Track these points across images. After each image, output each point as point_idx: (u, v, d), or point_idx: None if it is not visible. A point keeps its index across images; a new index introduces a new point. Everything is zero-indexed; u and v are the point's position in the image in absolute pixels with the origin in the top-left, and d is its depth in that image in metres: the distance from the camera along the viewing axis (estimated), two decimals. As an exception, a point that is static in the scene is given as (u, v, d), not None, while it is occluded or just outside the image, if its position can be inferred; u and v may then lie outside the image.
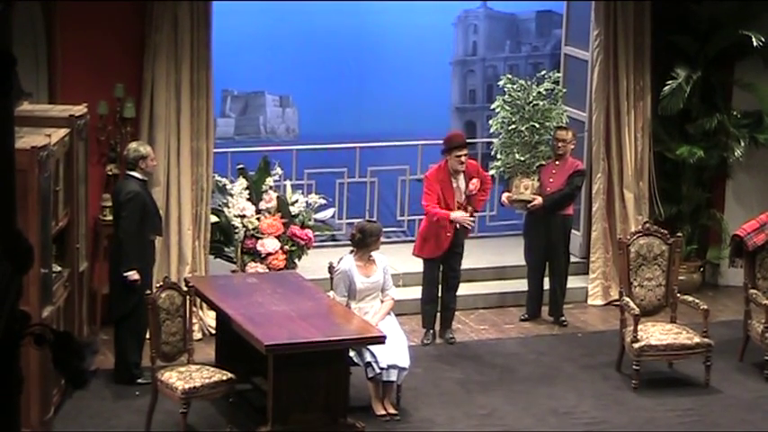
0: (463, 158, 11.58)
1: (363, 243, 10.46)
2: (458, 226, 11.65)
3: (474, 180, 11.70)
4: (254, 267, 11.97)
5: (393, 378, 10.11)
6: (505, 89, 12.50)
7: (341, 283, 10.40)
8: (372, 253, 10.53)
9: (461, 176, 11.69)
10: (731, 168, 13.55)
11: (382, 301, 10.48)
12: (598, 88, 13.02)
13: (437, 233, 11.66)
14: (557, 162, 12.29)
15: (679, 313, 11.35)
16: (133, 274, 10.44)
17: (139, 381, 10.54)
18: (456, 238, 11.72)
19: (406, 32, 15.05)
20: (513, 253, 13.12)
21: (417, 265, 12.19)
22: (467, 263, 13.06)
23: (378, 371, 10.03)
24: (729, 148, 13.23)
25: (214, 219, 12.08)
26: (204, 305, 11.33)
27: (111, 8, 11.65)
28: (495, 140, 12.68)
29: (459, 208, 11.65)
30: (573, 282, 12.75)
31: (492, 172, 12.94)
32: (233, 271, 12.12)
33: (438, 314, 11.90)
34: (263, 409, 9.76)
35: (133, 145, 10.81)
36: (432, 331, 11.86)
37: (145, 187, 10.73)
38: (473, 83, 15.70)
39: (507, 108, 12.43)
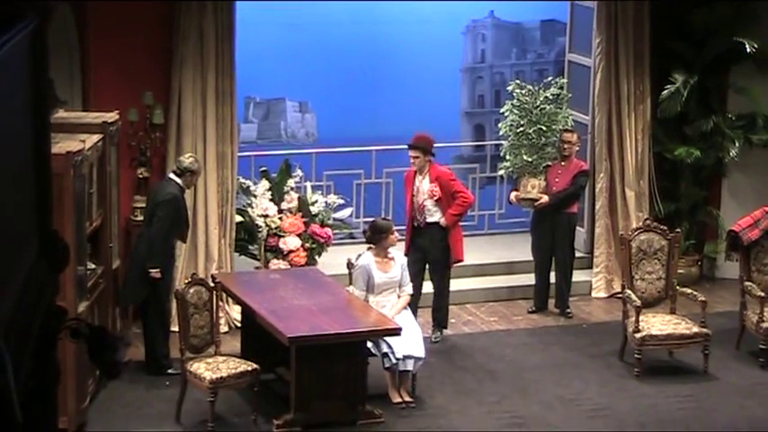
0: (412, 159, 11.42)
1: (375, 239, 10.46)
2: (415, 224, 11.41)
3: (432, 185, 11.38)
4: (276, 264, 11.97)
5: (409, 368, 10.09)
6: (514, 94, 12.49)
7: (360, 277, 10.40)
8: (391, 251, 10.51)
9: (426, 178, 11.43)
10: (727, 168, 13.51)
11: (399, 297, 10.47)
12: (600, 93, 13.00)
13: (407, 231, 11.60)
14: (562, 163, 12.27)
15: (678, 305, 11.31)
16: (157, 272, 10.45)
17: (169, 371, 10.54)
18: (421, 240, 11.42)
19: (417, 41, 15.06)
20: (520, 249, 13.09)
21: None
22: (478, 258, 13.08)
23: (394, 361, 10.01)
24: (725, 149, 13.20)
25: (239, 218, 12.08)
26: (230, 300, 11.33)
27: (141, 20, 11.66)
28: (504, 142, 12.66)
29: (418, 209, 11.40)
30: (578, 276, 12.71)
31: (501, 172, 12.95)
32: (257, 267, 12.12)
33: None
34: (286, 398, 9.77)
35: (190, 158, 10.75)
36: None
37: (182, 193, 10.73)
38: (482, 88, 15.70)
39: (516, 112, 12.41)
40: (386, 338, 9.95)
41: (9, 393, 2.82)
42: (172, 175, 10.70)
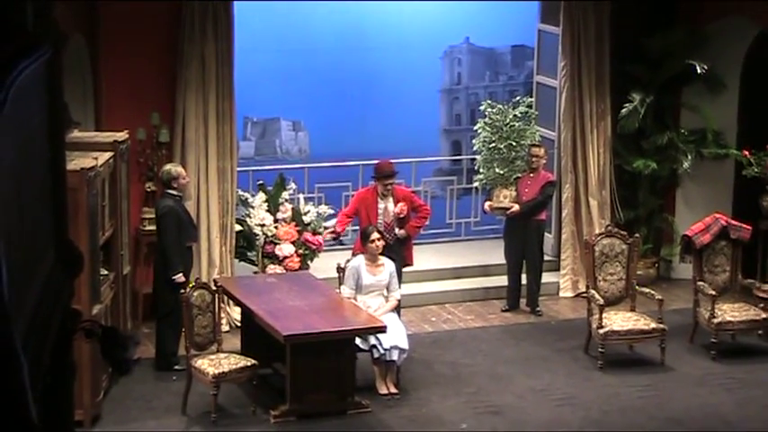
0: (389, 186, 11.30)
1: (363, 243, 10.49)
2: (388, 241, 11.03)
3: (401, 204, 11.36)
4: (272, 269, 11.97)
5: (395, 358, 10.09)
6: (486, 113, 12.52)
7: (350, 276, 10.42)
8: (381, 258, 10.51)
9: (390, 200, 11.34)
10: (680, 178, 13.56)
11: (388, 300, 10.47)
12: (565, 111, 13.03)
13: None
14: (531, 174, 12.29)
15: (637, 303, 11.34)
16: (180, 277, 10.43)
17: (176, 368, 10.53)
18: (387, 254, 10.90)
19: (400, 66, 15.07)
20: (494, 253, 13.11)
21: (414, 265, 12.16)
22: (456, 262, 13.10)
23: (382, 352, 10.02)
24: (678, 161, 13.25)
25: (238, 228, 12.08)
26: (231, 302, 11.31)
27: (148, 48, 11.67)
28: (477, 157, 12.69)
29: (385, 227, 11.18)
30: (546, 277, 12.73)
31: (476, 184, 12.99)
32: (255, 272, 12.12)
33: None
34: (282, 391, 9.77)
35: (167, 167, 10.82)
36: None
37: (179, 202, 10.72)
38: (458, 108, 15.71)
39: (488, 129, 12.43)
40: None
41: (25, 395, 2.82)
42: (165, 189, 10.71)
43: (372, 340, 9.98)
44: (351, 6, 14.39)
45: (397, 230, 11.38)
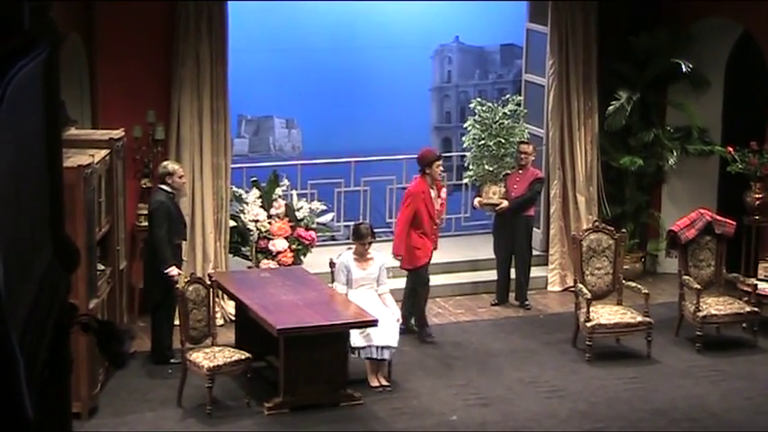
0: (441, 168, 11.40)
1: (354, 240, 10.49)
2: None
3: (444, 190, 11.47)
4: (266, 264, 11.98)
5: (386, 356, 10.10)
6: (476, 110, 12.53)
7: (340, 272, 10.44)
8: (371, 252, 10.52)
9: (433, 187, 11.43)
10: (666, 174, 13.58)
11: (380, 294, 10.45)
12: (553, 108, 13.05)
13: (424, 242, 11.33)
14: (520, 171, 12.30)
15: (624, 297, 11.36)
16: (172, 271, 10.42)
17: (171, 361, 10.52)
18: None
19: (391, 65, 15.08)
20: (484, 248, 13.13)
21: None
22: (446, 257, 13.08)
23: (374, 353, 10.01)
24: (664, 158, 13.27)
25: (232, 223, 12.08)
26: (225, 296, 11.33)
27: (144, 47, 11.66)
28: (467, 154, 12.69)
29: (438, 215, 11.40)
30: (535, 272, 12.75)
31: (466, 180, 13.00)
32: (249, 267, 12.12)
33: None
34: (275, 383, 9.77)
35: (165, 162, 10.84)
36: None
37: (171, 198, 10.70)
38: (448, 106, 15.72)
39: (477, 126, 12.44)
40: (369, 333, 9.94)
41: (21, 390, 2.81)
42: (159, 184, 10.71)
43: (365, 340, 9.97)
44: (343, 6, 14.39)
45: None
